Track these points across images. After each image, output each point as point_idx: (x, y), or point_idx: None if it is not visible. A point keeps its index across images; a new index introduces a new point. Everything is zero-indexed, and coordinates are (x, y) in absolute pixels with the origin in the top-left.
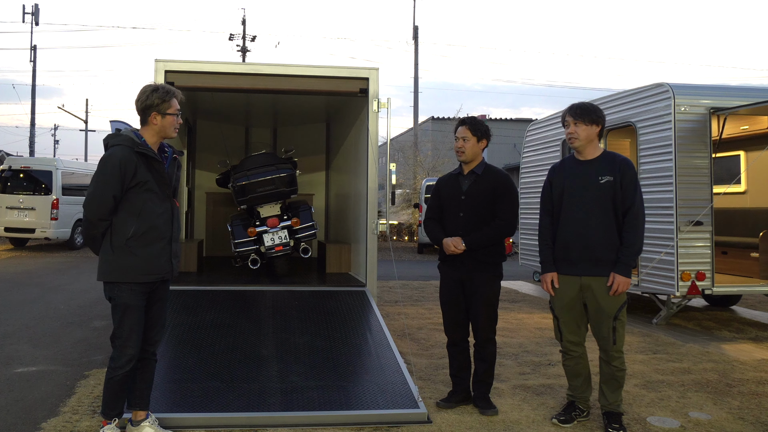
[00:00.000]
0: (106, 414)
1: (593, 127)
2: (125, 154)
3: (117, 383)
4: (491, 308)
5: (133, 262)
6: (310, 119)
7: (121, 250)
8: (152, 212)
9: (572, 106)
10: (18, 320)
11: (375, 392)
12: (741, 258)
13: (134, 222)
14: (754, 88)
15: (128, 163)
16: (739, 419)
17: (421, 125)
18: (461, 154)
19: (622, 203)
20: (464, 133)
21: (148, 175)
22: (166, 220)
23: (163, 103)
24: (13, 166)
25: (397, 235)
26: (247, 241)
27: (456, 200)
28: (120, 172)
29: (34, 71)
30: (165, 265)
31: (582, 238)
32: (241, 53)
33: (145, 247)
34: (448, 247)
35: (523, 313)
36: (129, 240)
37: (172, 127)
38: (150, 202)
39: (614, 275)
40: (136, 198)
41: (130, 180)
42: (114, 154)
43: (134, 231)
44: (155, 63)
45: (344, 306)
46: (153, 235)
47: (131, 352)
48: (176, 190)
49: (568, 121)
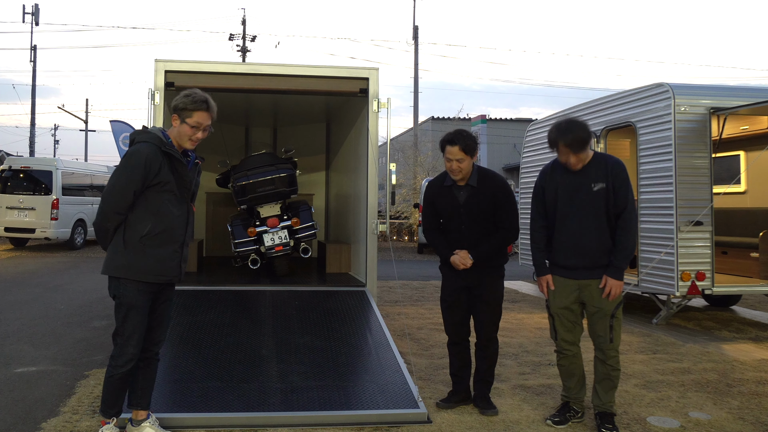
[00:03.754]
0: (105, 412)
1: (587, 150)
2: (152, 151)
3: (117, 382)
4: (496, 308)
5: (144, 260)
6: (310, 119)
7: (133, 247)
8: (170, 213)
9: (566, 137)
10: (18, 320)
11: (375, 392)
12: (741, 258)
13: (151, 221)
14: (754, 88)
15: (154, 160)
16: (739, 419)
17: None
18: (458, 174)
19: (615, 206)
20: (459, 155)
21: (170, 176)
22: (181, 224)
23: (186, 110)
24: (13, 166)
25: (397, 235)
26: (247, 241)
27: (455, 213)
28: (144, 168)
29: (34, 71)
30: (174, 268)
31: (578, 247)
32: (241, 53)
33: (158, 248)
34: (457, 266)
35: (523, 313)
36: (143, 238)
37: (187, 138)
38: (169, 203)
39: (606, 278)
40: (156, 197)
41: (153, 178)
42: (141, 150)
43: (150, 230)
44: (155, 63)
45: (344, 306)
46: (167, 237)
47: (132, 351)
48: (194, 195)
49: (563, 151)
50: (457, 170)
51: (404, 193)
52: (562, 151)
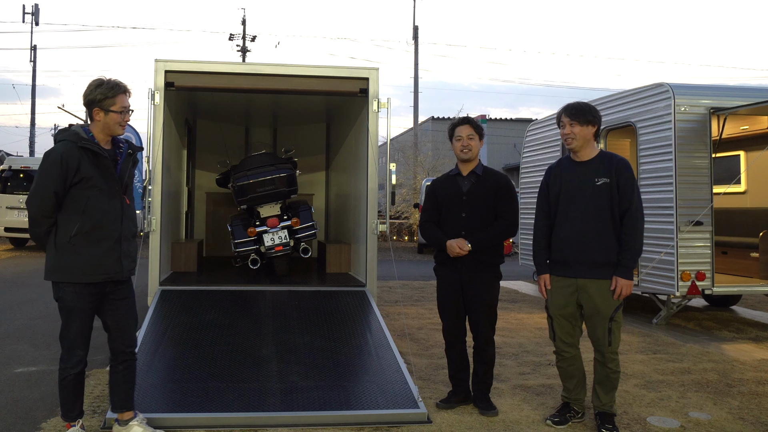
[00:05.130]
0: (67, 416)
1: (589, 128)
2: (67, 149)
3: (70, 384)
4: (491, 310)
5: (76, 261)
6: (310, 119)
7: (64, 249)
8: (97, 209)
9: (567, 106)
10: (18, 320)
11: (375, 392)
12: (741, 258)
13: (78, 219)
14: (754, 88)
15: (70, 158)
16: (739, 419)
17: (421, 125)
18: (467, 152)
19: (619, 205)
20: (469, 131)
21: (93, 171)
22: (114, 219)
23: (106, 99)
24: (13, 166)
25: (397, 235)
26: (247, 241)
27: (457, 201)
28: (61, 167)
29: (34, 71)
30: (113, 265)
31: (578, 241)
32: (241, 53)
33: (90, 246)
34: (453, 249)
35: (523, 313)
36: (72, 238)
37: (117, 125)
38: (95, 199)
39: (616, 279)
40: (81, 195)
41: (73, 176)
42: (56, 150)
43: (78, 229)
44: (155, 63)
45: (344, 306)
46: (99, 234)
47: (80, 353)
48: (128, 188)
49: (563, 121)
50: (467, 147)
51: (404, 193)
52: (564, 123)
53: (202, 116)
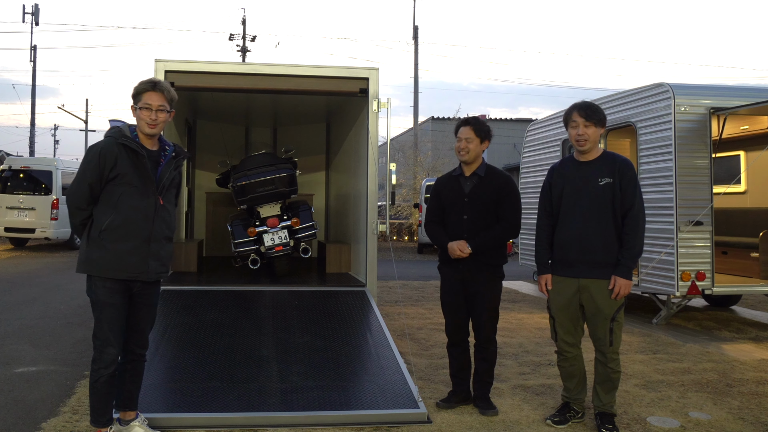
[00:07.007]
0: (97, 422)
1: (600, 129)
2: (107, 145)
3: (102, 386)
4: (493, 309)
5: (103, 255)
6: (310, 119)
7: (94, 242)
8: (129, 206)
9: (580, 106)
10: (18, 320)
11: (375, 392)
12: (741, 258)
13: (110, 214)
14: (754, 88)
15: (108, 154)
16: (739, 419)
17: (421, 125)
18: (464, 154)
19: (621, 205)
20: (468, 133)
21: (129, 168)
22: (144, 217)
23: (137, 96)
24: (13, 166)
25: (397, 235)
26: (247, 241)
27: (459, 202)
28: (98, 162)
29: (34, 71)
30: (139, 264)
31: (580, 241)
32: (241, 53)
33: (117, 242)
34: (454, 251)
35: (523, 313)
36: (102, 232)
37: (144, 122)
38: (127, 195)
39: (615, 278)
40: (115, 190)
41: (109, 171)
42: (97, 145)
43: (108, 223)
44: (155, 63)
45: (344, 306)
46: (127, 231)
47: (113, 351)
48: (165, 189)
49: (577, 121)
50: (465, 150)
51: (404, 193)
52: (577, 123)
53: (202, 116)
